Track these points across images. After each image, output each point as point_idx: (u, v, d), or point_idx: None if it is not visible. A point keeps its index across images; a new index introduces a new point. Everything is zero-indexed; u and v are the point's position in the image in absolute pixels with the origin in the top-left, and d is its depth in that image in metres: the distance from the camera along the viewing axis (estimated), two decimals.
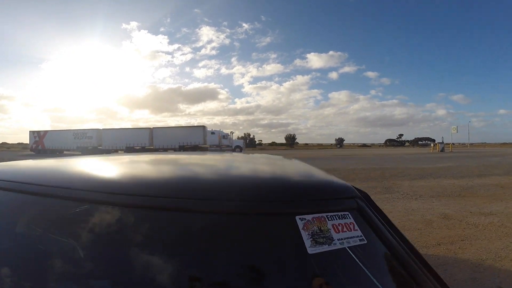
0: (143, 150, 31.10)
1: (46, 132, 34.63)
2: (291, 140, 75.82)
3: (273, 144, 76.68)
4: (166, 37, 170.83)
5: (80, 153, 28.95)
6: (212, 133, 31.71)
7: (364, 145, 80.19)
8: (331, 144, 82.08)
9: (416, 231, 3.63)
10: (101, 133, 32.96)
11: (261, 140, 36.64)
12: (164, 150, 29.37)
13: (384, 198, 5.63)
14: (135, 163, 1.28)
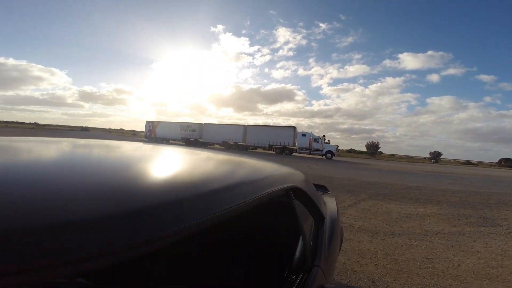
0: (236, 146, 33.30)
1: (159, 122, 40.71)
2: (373, 148, 69.71)
3: (351, 151, 72.27)
4: (247, 39, 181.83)
5: (184, 143, 34.16)
6: (303, 135, 31.13)
7: (469, 163, 67.24)
8: (424, 158, 72.03)
9: (503, 284, 2.72)
10: (202, 127, 36.71)
11: (338, 146, 34.26)
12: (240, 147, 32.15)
13: (476, 232, 4.40)
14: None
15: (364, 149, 69.33)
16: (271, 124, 39.63)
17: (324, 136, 31.49)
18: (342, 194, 7.06)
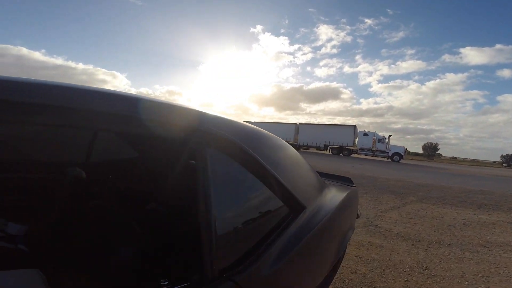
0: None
1: None
2: (431, 150, 62.87)
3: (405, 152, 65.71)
4: (286, 38, 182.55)
5: None
6: (365, 134, 28.01)
7: None
8: (494, 162, 62.18)
9: None
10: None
11: (406, 147, 31.06)
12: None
13: None
14: None
15: (421, 150, 62.94)
16: (327, 123, 36.62)
17: (390, 136, 27.75)
18: (384, 196, 6.38)
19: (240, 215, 0.90)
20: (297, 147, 31.06)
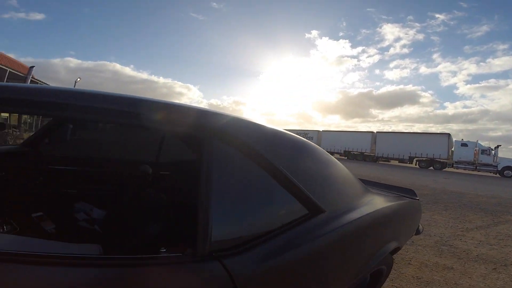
0: (362, 156, 29.10)
1: None
2: None
3: None
4: (347, 41, 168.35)
5: None
6: (463, 144, 23.83)
7: None
8: None
9: None
10: (321, 135, 33.63)
11: None
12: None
13: None
14: None
15: None
16: (412, 131, 32.71)
17: (498, 146, 22.45)
18: (471, 213, 5.66)
19: (242, 206, 0.92)
20: (374, 159, 28.51)
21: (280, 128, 1.25)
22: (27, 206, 1.41)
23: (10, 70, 8.66)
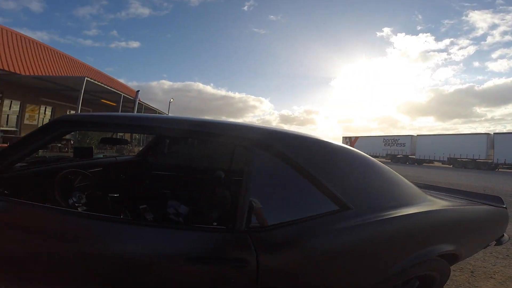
0: (474, 163, 24.21)
1: (357, 138, 37.33)
2: None
3: None
4: (428, 34, 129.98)
5: (390, 160, 29.95)
6: None
7: None
8: None
9: None
10: (415, 140, 30.12)
11: None
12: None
13: None
14: None
15: None
16: None
17: None
18: None
19: (271, 198, 1.19)
20: (492, 166, 23.22)
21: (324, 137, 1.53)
22: (137, 200, 1.93)
23: (124, 95, 11.39)
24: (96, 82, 9.41)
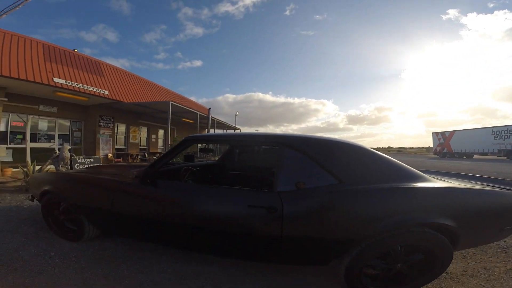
0: None
1: (452, 132, 30.40)
2: None
3: None
4: (505, 10, 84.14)
5: (505, 157, 24.10)
6: None
7: None
8: None
9: None
10: None
11: None
12: None
13: None
14: None
15: None
16: None
17: None
18: None
19: (293, 176, 1.93)
20: None
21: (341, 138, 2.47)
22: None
23: (199, 113, 12.96)
24: (178, 104, 10.72)
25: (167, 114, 10.38)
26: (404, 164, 2.15)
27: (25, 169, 6.08)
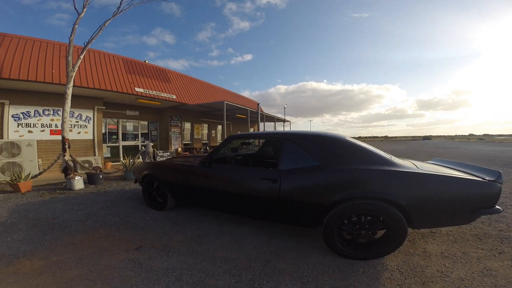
0: None
1: None
2: None
3: None
4: None
5: None
6: None
7: None
8: None
9: None
10: None
11: None
12: None
13: None
14: None
15: None
16: None
17: None
18: None
19: (290, 162, 2.78)
20: None
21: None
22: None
23: (250, 109, 13.87)
24: (231, 103, 12.04)
25: (222, 111, 11.79)
26: (379, 153, 2.78)
27: (123, 161, 8.11)
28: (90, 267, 2.42)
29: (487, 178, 2.40)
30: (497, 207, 2.33)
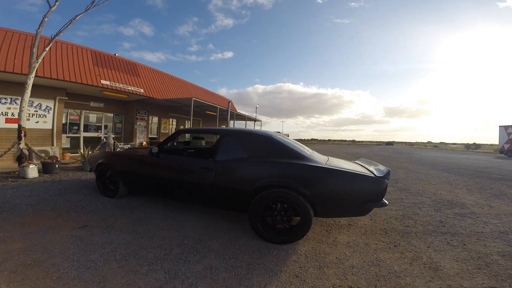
0: None
1: None
2: None
3: None
4: None
5: None
6: None
7: None
8: None
9: None
10: None
11: None
12: None
13: None
14: None
15: None
16: None
17: None
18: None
19: (226, 154, 3.24)
20: None
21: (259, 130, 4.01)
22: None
23: (220, 107, 14.26)
24: (199, 100, 12.29)
25: (191, 107, 12.02)
26: (299, 149, 3.26)
27: (82, 152, 8.09)
28: (34, 241, 2.70)
29: (377, 174, 2.71)
30: (384, 200, 2.63)
